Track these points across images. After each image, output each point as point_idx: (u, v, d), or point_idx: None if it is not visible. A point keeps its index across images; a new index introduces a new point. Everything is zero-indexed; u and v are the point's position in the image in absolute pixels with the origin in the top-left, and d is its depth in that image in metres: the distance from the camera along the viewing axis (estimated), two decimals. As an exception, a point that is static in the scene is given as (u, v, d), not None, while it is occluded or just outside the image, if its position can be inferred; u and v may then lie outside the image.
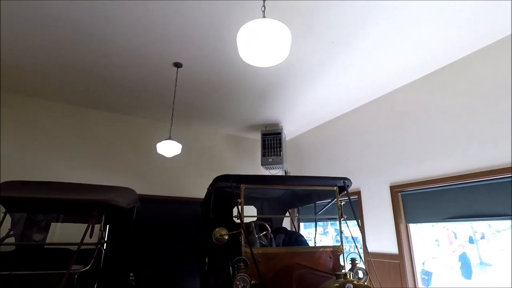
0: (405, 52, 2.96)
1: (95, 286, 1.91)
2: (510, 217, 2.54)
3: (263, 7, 1.76)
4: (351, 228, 4.17)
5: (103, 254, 1.95)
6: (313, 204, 3.17)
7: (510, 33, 2.67)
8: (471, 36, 2.72)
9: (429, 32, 2.66)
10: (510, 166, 2.55)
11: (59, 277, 1.66)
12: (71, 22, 2.55)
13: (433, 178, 3.11)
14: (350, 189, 4.01)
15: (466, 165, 2.87)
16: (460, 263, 3.09)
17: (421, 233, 3.29)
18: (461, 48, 2.89)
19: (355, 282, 1.56)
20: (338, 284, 1.51)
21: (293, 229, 4.26)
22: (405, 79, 3.49)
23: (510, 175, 2.56)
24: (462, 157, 2.91)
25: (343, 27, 2.58)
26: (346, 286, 1.52)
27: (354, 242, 2.45)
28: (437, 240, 3.21)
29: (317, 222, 3.28)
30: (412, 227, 3.35)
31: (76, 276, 1.72)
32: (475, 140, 2.83)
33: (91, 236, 1.75)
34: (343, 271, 2.14)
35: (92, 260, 1.80)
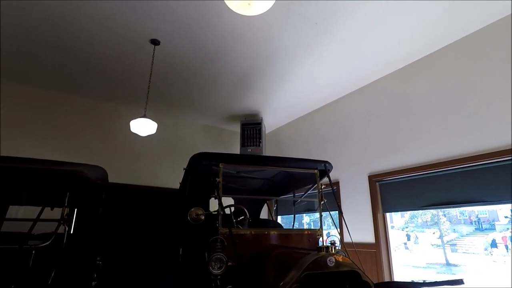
0: (385, 44, 2.98)
1: (56, 267, 1.74)
2: (483, 203, 2.60)
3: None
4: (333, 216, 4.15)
5: (66, 233, 1.78)
6: (291, 195, 3.10)
7: (479, 28, 2.77)
8: (444, 31, 2.78)
9: (405, 26, 2.69)
10: (480, 154, 2.62)
11: (15, 253, 1.49)
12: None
13: (410, 166, 3.14)
14: (329, 180, 3.99)
15: (441, 154, 2.92)
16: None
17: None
18: (436, 42, 2.95)
19: (336, 256, 1.50)
20: (319, 257, 1.44)
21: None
22: (383, 71, 3.52)
23: (481, 163, 2.63)
24: (437, 146, 2.96)
25: (326, 12, 2.55)
26: (328, 259, 1.46)
27: (336, 227, 2.41)
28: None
29: (296, 215, 3.22)
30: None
31: (33, 252, 1.54)
32: (449, 129, 2.89)
33: (52, 208, 1.58)
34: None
35: (53, 236, 1.63)
